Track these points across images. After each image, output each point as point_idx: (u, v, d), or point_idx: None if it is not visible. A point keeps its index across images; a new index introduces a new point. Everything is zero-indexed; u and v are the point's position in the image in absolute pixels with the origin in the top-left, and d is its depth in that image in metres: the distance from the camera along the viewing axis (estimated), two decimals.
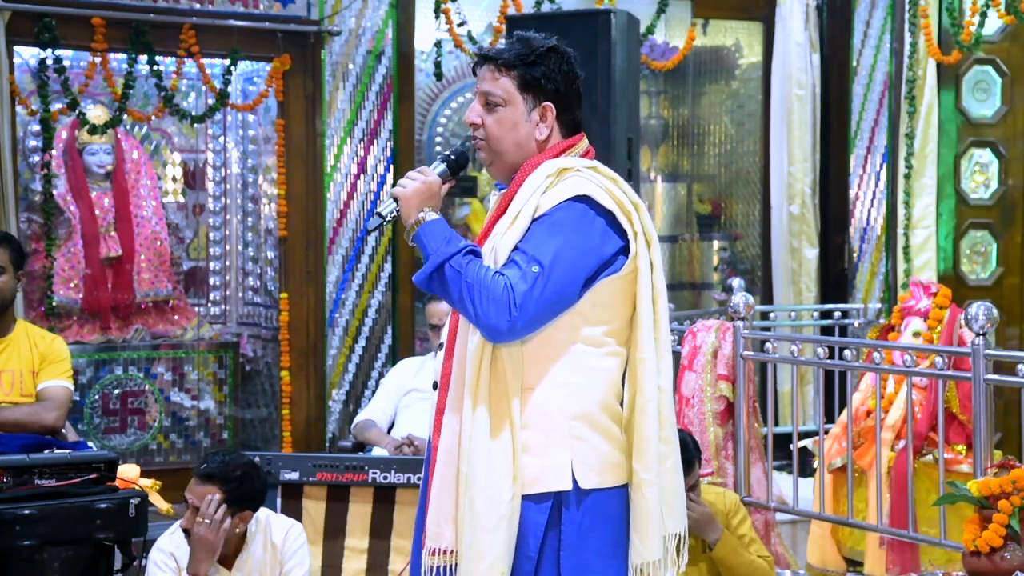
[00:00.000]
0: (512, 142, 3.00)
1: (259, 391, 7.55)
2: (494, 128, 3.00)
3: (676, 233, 8.93)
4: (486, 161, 3.04)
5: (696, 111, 8.87)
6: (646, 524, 2.93)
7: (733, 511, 4.51)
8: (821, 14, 8.14)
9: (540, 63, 3.00)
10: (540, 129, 3.01)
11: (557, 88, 3.01)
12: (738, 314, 5.35)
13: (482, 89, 3.01)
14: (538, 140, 3.01)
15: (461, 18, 7.33)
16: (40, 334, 4.82)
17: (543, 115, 3.00)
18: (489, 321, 2.81)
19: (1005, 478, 3.55)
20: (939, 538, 4.67)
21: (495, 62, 3.00)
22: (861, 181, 8.02)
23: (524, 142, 3.00)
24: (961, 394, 5.05)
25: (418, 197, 2.93)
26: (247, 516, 4.27)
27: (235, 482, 4.20)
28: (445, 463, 2.91)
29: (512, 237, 2.89)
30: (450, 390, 2.94)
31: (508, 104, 2.99)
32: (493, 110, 3.00)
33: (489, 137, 3.00)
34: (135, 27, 6.73)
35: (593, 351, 2.93)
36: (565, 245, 2.86)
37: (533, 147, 3.01)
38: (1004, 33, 7.59)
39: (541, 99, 3.00)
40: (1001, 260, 7.73)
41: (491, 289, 2.81)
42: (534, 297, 2.81)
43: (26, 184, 6.95)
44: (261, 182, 7.67)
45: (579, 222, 2.90)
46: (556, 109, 3.01)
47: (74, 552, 4.00)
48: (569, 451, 2.90)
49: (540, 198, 2.91)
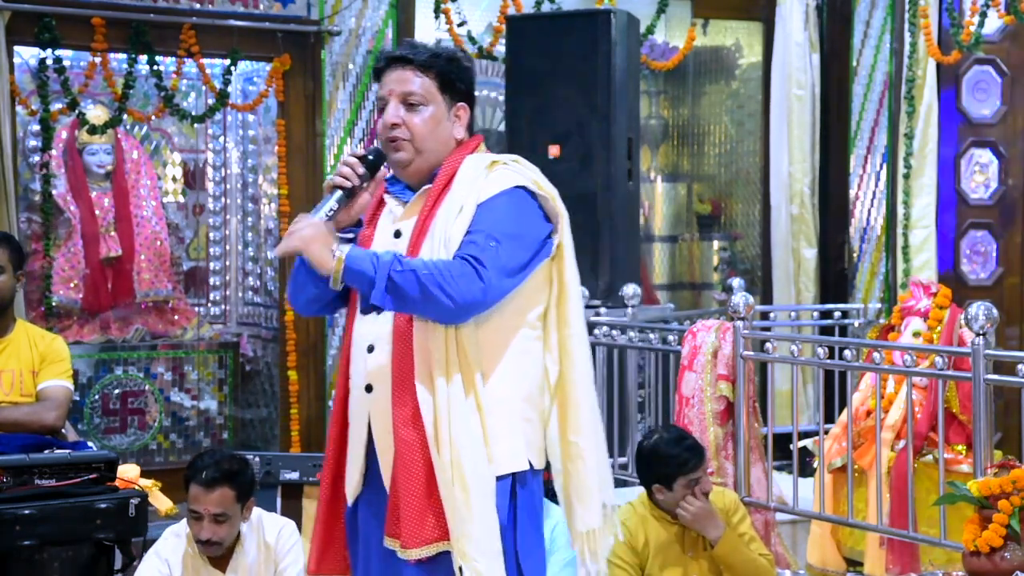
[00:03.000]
0: (436, 140, 3.05)
1: (259, 391, 7.55)
2: (420, 127, 3.03)
3: (676, 233, 8.93)
4: (404, 162, 3.04)
5: (696, 111, 8.87)
6: (587, 492, 3.11)
7: (732, 510, 4.51)
8: (821, 14, 8.14)
9: (453, 65, 3.08)
10: (457, 128, 3.08)
11: (467, 90, 3.11)
12: (738, 314, 5.34)
13: (402, 90, 3.03)
14: (456, 139, 3.08)
15: (461, 18, 7.34)
16: (40, 334, 4.81)
17: (458, 115, 3.08)
18: (464, 297, 2.85)
19: (1005, 478, 3.55)
20: (939, 538, 4.67)
21: (413, 63, 3.04)
22: (861, 181, 8.02)
23: (446, 141, 3.06)
24: (961, 394, 5.04)
25: (317, 242, 2.91)
26: (251, 504, 4.31)
27: (239, 476, 4.25)
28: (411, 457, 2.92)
29: (462, 225, 2.94)
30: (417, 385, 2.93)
31: (430, 103, 3.04)
32: (415, 109, 3.03)
33: (415, 136, 3.03)
34: (135, 27, 6.73)
35: (531, 334, 3.05)
36: (515, 223, 2.97)
37: (452, 146, 3.08)
38: (1004, 33, 7.59)
39: (457, 100, 3.08)
40: (1001, 260, 7.73)
41: (452, 268, 2.86)
42: (499, 263, 2.91)
43: (26, 184, 6.95)
44: (261, 182, 7.67)
45: (521, 206, 3.00)
46: (468, 111, 3.10)
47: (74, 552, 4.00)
48: (523, 434, 3.02)
49: (480, 188, 2.98)
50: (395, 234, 3.04)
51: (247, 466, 4.34)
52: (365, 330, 3.02)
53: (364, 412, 3.01)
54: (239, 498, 4.21)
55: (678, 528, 4.43)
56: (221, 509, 4.17)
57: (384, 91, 3.05)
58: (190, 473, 4.27)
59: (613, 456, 6.09)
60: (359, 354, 3.02)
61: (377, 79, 3.10)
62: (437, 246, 2.95)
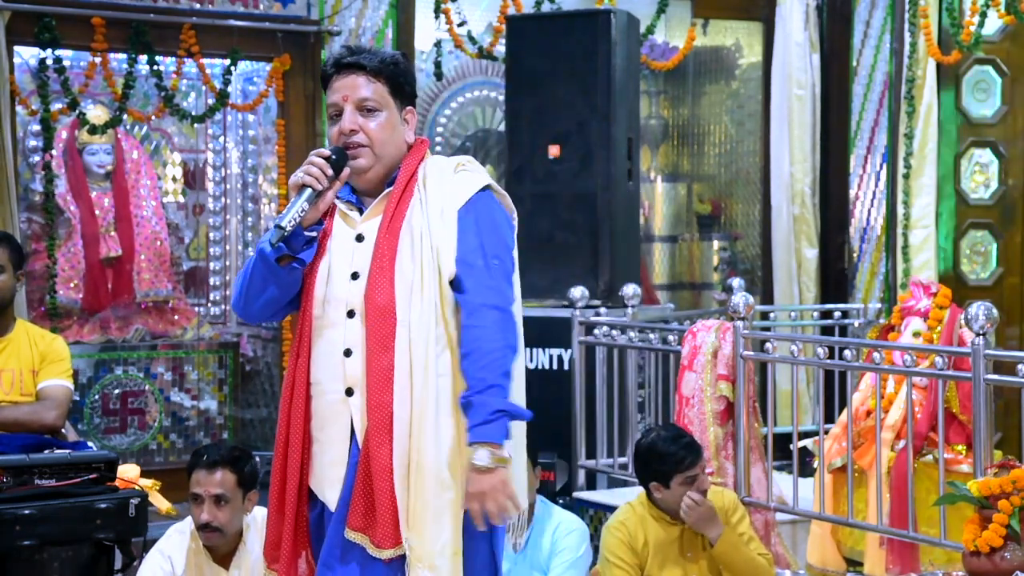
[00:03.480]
0: (393, 145, 3.06)
1: (259, 391, 7.55)
2: (378, 132, 3.04)
3: (676, 233, 8.93)
4: (364, 167, 3.04)
5: (696, 111, 8.87)
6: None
7: (732, 509, 4.51)
8: (821, 14, 8.14)
9: (400, 70, 3.09)
10: (408, 132, 3.11)
11: (413, 93, 3.14)
12: (738, 314, 5.34)
13: (357, 96, 3.04)
14: (407, 143, 3.10)
15: (461, 18, 7.34)
16: (40, 333, 4.81)
17: (407, 119, 3.11)
18: (514, 342, 2.97)
19: (1005, 478, 3.54)
20: (939, 538, 4.67)
21: (365, 69, 3.04)
22: (861, 181, 8.02)
23: (399, 145, 3.08)
24: (961, 394, 5.04)
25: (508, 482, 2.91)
26: (254, 497, 4.33)
27: (242, 462, 4.28)
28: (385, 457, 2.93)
29: (449, 232, 2.99)
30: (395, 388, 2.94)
31: (384, 108, 3.06)
32: (371, 115, 3.04)
33: (374, 142, 3.03)
34: (135, 27, 6.73)
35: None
36: (501, 232, 3.06)
37: (404, 150, 3.10)
38: (1004, 33, 7.59)
39: (405, 103, 3.10)
40: (1001, 260, 7.73)
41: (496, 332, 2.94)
42: (508, 279, 3.02)
43: (26, 184, 6.95)
44: (261, 182, 7.67)
45: (494, 208, 3.09)
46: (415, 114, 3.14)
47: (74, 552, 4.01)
48: None
49: (452, 191, 3.04)
50: (357, 238, 3.05)
51: (249, 456, 4.38)
52: (337, 335, 3.01)
53: (343, 415, 3.00)
54: (240, 484, 4.23)
55: (677, 528, 4.43)
56: (221, 490, 4.19)
57: (337, 97, 3.05)
58: (192, 461, 4.31)
59: (613, 456, 6.10)
60: (332, 358, 3.01)
61: (324, 86, 3.10)
62: (419, 246, 2.97)
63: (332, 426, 3.02)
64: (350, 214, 3.08)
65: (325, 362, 3.02)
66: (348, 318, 3.00)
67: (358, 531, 2.96)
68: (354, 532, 2.96)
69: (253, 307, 3.10)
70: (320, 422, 3.04)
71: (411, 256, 2.98)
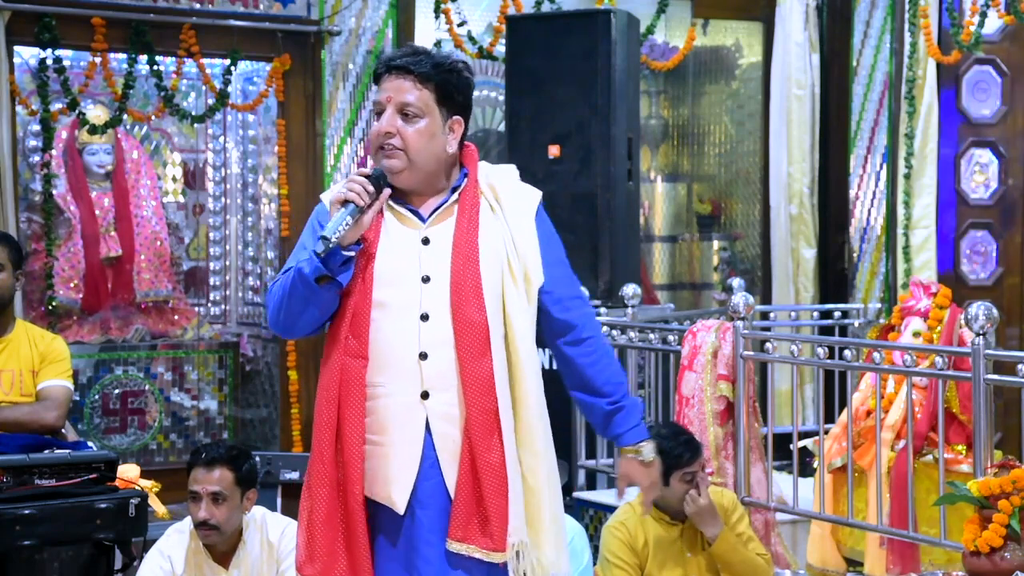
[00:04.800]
0: (429, 153, 3.03)
1: (259, 391, 7.55)
2: (413, 139, 3.01)
3: (676, 233, 8.93)
4: (397, 168, 3.02)
5: (696, 111, 8.87)
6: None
7: (731, 509, 4.51)
8: (821, 14, 8.14)
9: (453, 77, 3.06)
10: (451, 142, 3.06)
11: (464, 103, 3.09)
12: (738, 314, 5.34)
13: (400, 99, 3.01)
14: (448, 153, 3.06)
15: (461, 18, 7.34)
16: (40, 334, 4.81)
17: (453, 128, 3.06)
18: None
19: (1005, 478, 3.54)
20: (939, 538, 4.67)
21: (413, 73, 3.02)
22: (861, 181, 8.01)
23: (439, 154, 3.04)
24: (961, 394, 5.04)
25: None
26: (253, 496, 4.33)
27: (240, 460, 4.28)
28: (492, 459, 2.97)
29: (532, 240, 3.07)
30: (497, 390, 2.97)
31: (425, 116, 3.02)
32: (411, 120, 3.01)
33: (408, 147, 3.01)
34: (135, 27, 6.73)
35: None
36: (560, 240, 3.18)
37: (444, 159, 3.06)
38: (1004, 33, 7.59)
39: (453, 113, 3.06)
40: (1001, 260, 7.73)
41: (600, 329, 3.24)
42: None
43: (26, 184, 6.95)
44: (261, 182, 7.67)
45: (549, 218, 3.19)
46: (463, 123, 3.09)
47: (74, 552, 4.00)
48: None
49: (523, 199, 3.11)
50: (423, 241, 3.03)
51: (248, 455, 4.38)
52: (408, 338, 2.98)
53: (416, 418, 2.97)
54: (238, 482, 4.23)
55: (677, 528, 4.43)
56: (219, 488, 4.19)
57: (382, 96, 3.04)
58: (191, 459, 4.31)
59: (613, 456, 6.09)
60: (402, 362, 2.98)
61: (376, 82, 3.08)
62: (502, 252, 3.03)
63: (399, 429, 2.97)
64: (408, 215, 3.06)
65: (390, 364, 2.98)
66: (422, 321, 2.98)
67: (462, 541, 2.94)
68: (458, 543, 2.94)
69: (293, 326, 3.06)
70: (379, 425, 2.99)
71: (495, 264, 3.00)
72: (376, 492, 2.99)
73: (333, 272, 2.95)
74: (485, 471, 2.93)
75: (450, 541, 2.93)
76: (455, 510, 2.94)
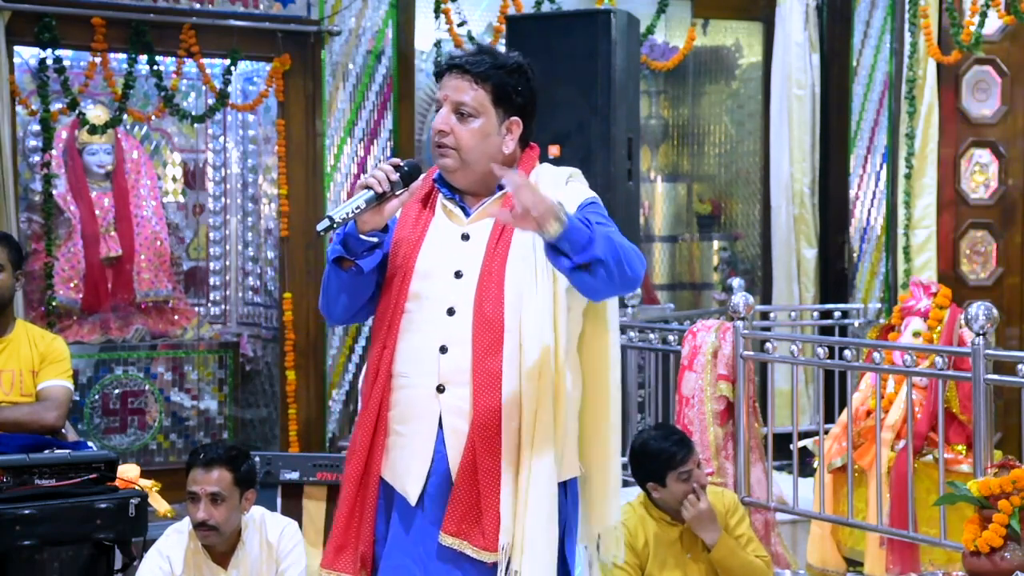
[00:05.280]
0: (482, 153, 3.02)
1: (259, 391, 7.55)
2: (467, 139, 3.01)
3: (676, 233, 8.93)
4: (450, 167, 3.04)
5: (696, 111, 8.87)
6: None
7: (732, 510, 4.51)
8: (821, 14, 8.14)
9: (512, 78, 3.05)
10: (507, 143, 3.06)
11: (524, 103, 3.08)
12: (738, 314, 5.35)
13: (455, 98, 3.02)
14: (504, 154, 3.05)
15: (461, 18, 7.34)
16: (40, 334, 4.81)
17: (510, 129, 3.06)
18: (638, 272, 2.94)
19: (1005, 478, 3.55)
20: (939, 538, 4.67)
21: (470, 73, 3.02)
22: (861, 181, 8.01)
23: (493, 155, 3.04)
24: (961, 394, 5.04)
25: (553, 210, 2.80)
26: (252, 496, 4.34)
27: (239, 461, 4.28)
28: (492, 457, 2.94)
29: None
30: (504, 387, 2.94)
31: (481, 116, 3.02)
32: (465, 120, 3.02)
33: (461, 146, 3.02)
34: (135, 27, 6.73)
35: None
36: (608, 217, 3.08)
37: (500, 159, 3.05)
38: (1004, 33, 7.59)
39: (510, 114, 3.05)
40: (1001, 260, 7.73)
41: (626, 241, 2.94)
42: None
43: (26, 184, 6.94)
44: (261, 182, 7.67)
45: (600, 211, 3.11)
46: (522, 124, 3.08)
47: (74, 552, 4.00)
48: (575, 438, 3.10)
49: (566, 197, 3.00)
50: (463, 236, 3.04)
51: (247, 455, 4.38)
52: (433, 330, 2.99)
53: (431, 411, 2.99)
54: (237, 482, 4.24)
55: (678, 528, 4.43)
56: (218, 488, 4.20)
57: (440, 94, 3.05)
58: (190, 459, 4.31)
59: None
60: (423, 353, 3.00)
61: (437, 80, 3.09)
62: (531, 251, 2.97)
63: (417, 420, 3.00)
64: (456, 212, 3.07)
65: (415, 356, 3.01)
66: (448, 315, 2.99)
67: (455, 536, 2.94)
68: (451, 537, 2.94)
69: (334, 311, 3.09)
70: (402, 415, 3.02)
71: (523, 261, 2.99)
72: (395, 480, 3.03)
73: (353, 254, 2.96)
74: (484, 469, 2.93)
75: (443, 535, 2.94)
76: (451, 504, 2.95)
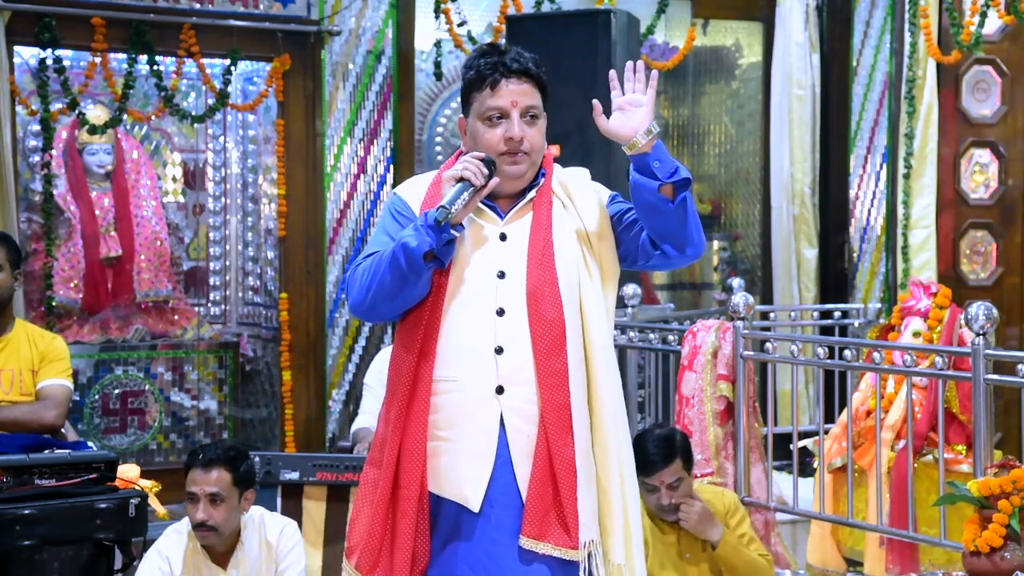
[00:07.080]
0: (542, 151, 3.08)
1: (259, 391, 7.55)
2: (538, 140, 3.06)
3: None
4: (522, 173, 3.05)
5: (696, 111, 8.87)
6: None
7: (732, 510, 4.50)
8: (821, 14, 8.14)
9: (545, 78, 3.10)
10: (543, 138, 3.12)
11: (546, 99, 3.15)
12: (738, 314, 5.35)
13: (526, 103, 3.03)
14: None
15: (461, 18, 7.34)
16: (39, 333, 4.82)
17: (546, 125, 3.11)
18: (703, 238, 3.03)
19: (1005, 478, 3.55)
20: (939, 538, 4.67)
21: (530, 75, 3.05)
22: (861, 181, 8.01)
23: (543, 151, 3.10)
24: (961, 394, 5.04)
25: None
26: (251, 496, 4.34)
27: (238, 461, 4.28)
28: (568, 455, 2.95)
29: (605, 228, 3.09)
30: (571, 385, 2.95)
31: (541, 116, 3.08)
32: (533, 122, 3.05)
33: (533, 150, 3.05)
34: (135, 27, 6.73)
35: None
36: None
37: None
38: (1004, 33, 7.59)
39: (544, 111, 3.11)
40: (1001, 260, 7.73)
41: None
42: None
43: (26, 184, 6.95)
44: (261, 182, 7.67)
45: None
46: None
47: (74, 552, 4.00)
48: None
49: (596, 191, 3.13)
50: (501, 237, 3.04)
51: (246, 455, 4.38)
52: (482, 332, 2.97)
53: (490, 413, 2.96)
54: (236, 483, 4.24)
55: (676, 531, 4.42)
56: (217, 488, 4.20)
57: (505, 101, 3.01)
58: (189, 460, 4.31)
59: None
60: (475, 355, 2.97)
61: (481, 85, 3.04)
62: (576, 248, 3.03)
63: (470, 424, 2.96)
64: (488, 212, 3.06)
65: (464, 359, 2.97)
66: (497, 316, 2.98)
67: (535, 538, 2.91)
68: (531, 540, 2.92)
69: (383, 307, 3.00)
70: (448, 420, 2.97)
71: (572, 258, 3.01)
72: (446, 489, 2.97)
73: (438, 247, 2.93)
74: (561, 467, 2.92)
75: (524, 539, 2.91)
76: (529, 507, 2.92)
